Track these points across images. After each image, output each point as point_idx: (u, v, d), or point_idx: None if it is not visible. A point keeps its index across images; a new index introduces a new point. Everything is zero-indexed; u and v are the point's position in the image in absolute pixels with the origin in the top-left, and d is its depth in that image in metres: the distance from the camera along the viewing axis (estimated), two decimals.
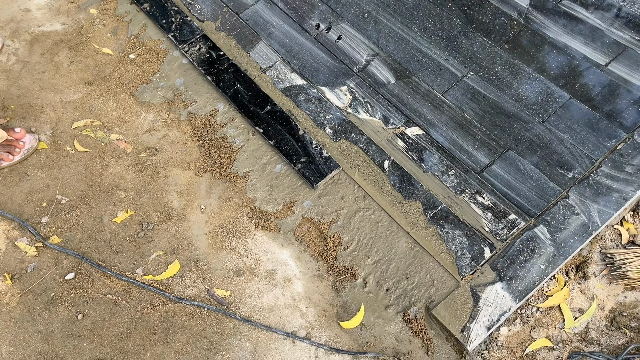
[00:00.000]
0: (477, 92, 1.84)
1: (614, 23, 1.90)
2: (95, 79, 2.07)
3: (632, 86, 1.77)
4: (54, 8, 2.29)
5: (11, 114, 2.00)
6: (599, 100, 1.76)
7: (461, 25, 1.98)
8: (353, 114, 1.86)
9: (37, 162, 1.89)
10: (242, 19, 2.12)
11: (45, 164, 1.89)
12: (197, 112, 1.97)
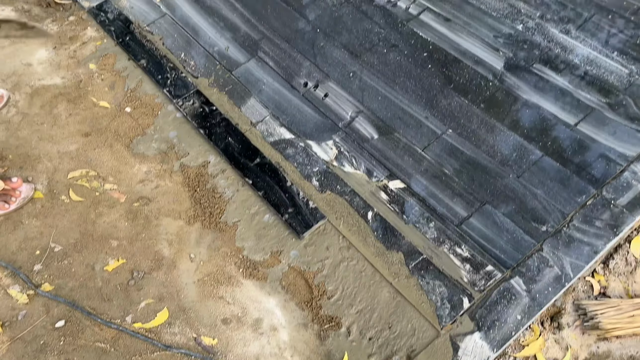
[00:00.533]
0: (455, 149, 1.88)
1: (581, 86, 1.96)
2: (92, 130, 2.09)
3: (600, 145, 1.82)
4: (54, 63, 2.32)
5: (9, 163, 2.00)
6: (570, 158, 1.81)
7: (440, 85, 2.03)
8: (339, 167, 1.89)
9: (32, 210, 1.89)
10: (235, 76, 2.17)
11: (40, 212, 1.89)
12: (190, 164, 1.98)
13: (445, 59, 2.10)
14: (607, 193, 1.73)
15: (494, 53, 2.09)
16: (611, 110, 1.90)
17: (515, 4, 2.22)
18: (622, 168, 1.77)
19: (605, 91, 1.94)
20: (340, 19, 2.27)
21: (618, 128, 1.86)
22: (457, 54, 2.10)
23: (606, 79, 1.97)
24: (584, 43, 2.07)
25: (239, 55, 2.22)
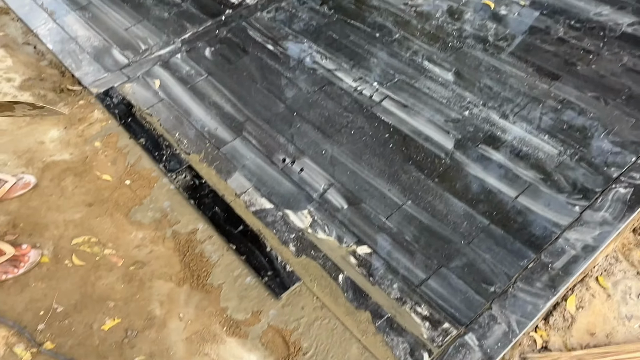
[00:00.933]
0: (414, 217, 1.90)
1: (519, 163, 2.01)
2: (95, 201, 2.07)
3: (537, 215, 1.85)
4: (64, 141, 2.32)
5: (20, 231, 1.97)
6: (512, 226, 1.83)
7: (400, 162, 2.07)
8: (313, 233, 1.88)
9: (39, 274, 1.84)
10: (222, 152, 2.18)
11: (45, 275, 1.84)
12: (181, 231, 1.96)
13: (404, 139, 2.14)
14: (545, 257, 1.74)
15: (445, 134, 2.14)
16: (545, 185, 1.94)
17: (462, 93, 2.30)
18: (556, 235, 1.80)
19: (539, 168, 1.99)
20: (315, 103, 2.32)
21: (552, 200, 1.89)
22: (414, 135, 2.15)
23: (540, 158, 2.02)
24: (519, 126, 2.14)
25: (226, 134, 2.24)
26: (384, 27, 2.65)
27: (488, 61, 2.41)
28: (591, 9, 2.62)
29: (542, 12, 2.64)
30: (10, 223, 1.98)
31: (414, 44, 2.54)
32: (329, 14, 2.77)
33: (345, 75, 2.42)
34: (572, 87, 2.25)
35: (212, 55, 2.61)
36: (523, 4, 2.68)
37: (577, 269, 1.70)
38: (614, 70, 2.30)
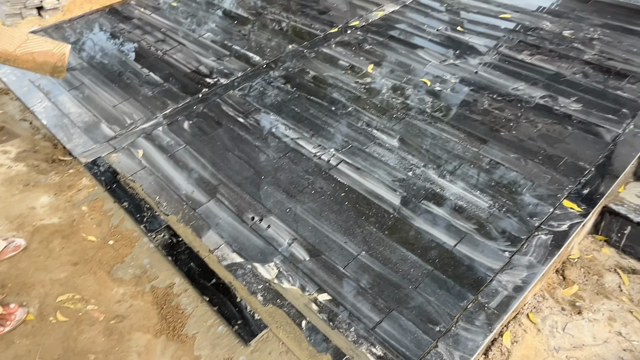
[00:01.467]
0: (368, 266, 1.90)
1: (456, 216, 2.05)
2: (80, 260, 2.01)
3: (474, 261, 1.88)
4: (54, 206, 2.26)
5: (8, 290, 1.88)
6: (453, 272, 1.85)
7: (355, 217, 2.08)
8: (278, 284, 1.86)
9: (24, 331, 1.75)
10: (198, 213, 2.16)
11: (30, 332, 1.75)
12: (159, 285, 1.91)
13: (358, 197, 2.17)
14: (481, 298, 1.75)
15: (392, 193, 2.18)
16: (479, 234, 1.98)
17: (406, 157, 2.36)
18: (491, 278, 1.82)
19: (473, 220, 2.03)
20: (280, 168, 2.34)
21: (485, 247, 1.93)
22: (366, 193, 2.18)
23: (473, 211, 2.07)
24: (455, 184, 2.20)
25: (201, 197, 2.23)
26: (339, 101, 2.74)
27: (427, 129, 2.49)
28: (509, 85, 2.77)
29: (470, 88, 2.77)
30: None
31: (365, 116, 2.62)
32: (292, 91, 2.85)
33: (307, 143, 2.46)
34: (498, 150, 2.34)
35: (190, 128, 2.64)
36: (454, 81, 2.81)
37: (509, 307, 1.71)
38: (531, 135, 2.41)
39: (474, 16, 3.52)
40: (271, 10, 3.81)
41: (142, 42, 3.48)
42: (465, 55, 3.07)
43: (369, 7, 3.76)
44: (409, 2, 3.80)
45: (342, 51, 3.21)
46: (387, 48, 3.21)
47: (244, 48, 3.33)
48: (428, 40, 3.27)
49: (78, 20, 3.81)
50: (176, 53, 3.31)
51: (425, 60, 3.05)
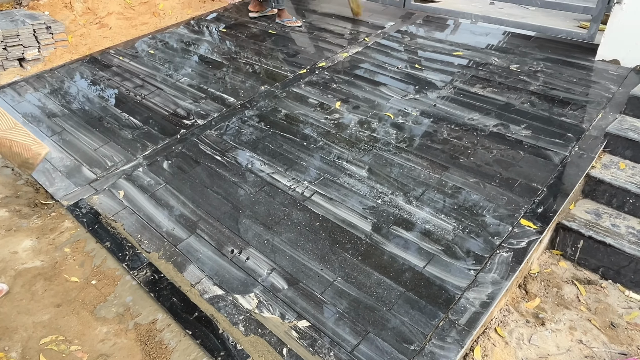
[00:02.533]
0: (344, 292, 1.89)
1: (424, 239, 2.08)
2: (63, 301, 1.95)
3: (443, 280, 1.90)
4: (36, 249, 2.20)
5: None
6: (423, 292, 1.86)
7: (329, 245, 2.09)
8: (259, 313, 1.84)
9: None
10: (178, 249, 2.13)
11: None
12: (142, 322, 1.86)
13: (331, 226, 2.18)
14: (451, 316, 1.77)
15: (363, 220, 2.20)
16: (446, 255, 2.01)
17: (374, 186, 2.40)
18: (459, 296, 1.84)
19: (439, 242, 2.07)
20: (257, 201, 2.34)
21: (452, 267, 1.95)
22: (339, 222, 2.20)
23: (440, 233, 2.11)
24: (421, 210, 2.24)
25: (182, 233, 2.21)
26: (310, 137, 2.78)
27: (393, 159, 2.55)
28: (465, 115, 2.87)
29: (430, 120, 2.86)
30: None
31: (335, 149, 2.66)
32: (266, 129, 2.88)
33: (281, 176, 2.48)
34: (458, 176, 2.40)
35: (169, 167, 2.63)
36: (415, 114, 2.90)
37: (478, 323, 1.73)
38: (488, 160, 2.48)
39: (430, 54, 3.66)
40: (244, 55, 3.89)
41: (121, 88, 3.48)
42: (424, 90, 3.18)
43: (334, 49, 3.87)
44: (371, 43, 3.93)
45: (311, 90, 3.28)
46: (352, 86, 3.29)
47: (219, 90, 3.37)
48: (390, 77, 3.37)
49: (59, 69, 3.80)
50: (154, 97, 3.33)
51: (388, 96, 3.14)
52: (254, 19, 4.59)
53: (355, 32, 4.20)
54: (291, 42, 4.12)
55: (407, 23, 4.30)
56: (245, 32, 4.35)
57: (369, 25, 4.33)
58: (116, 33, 4.42)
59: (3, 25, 4.00)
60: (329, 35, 4.16)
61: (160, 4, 4.64)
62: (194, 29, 4.50)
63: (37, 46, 4.09)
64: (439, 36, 4.00)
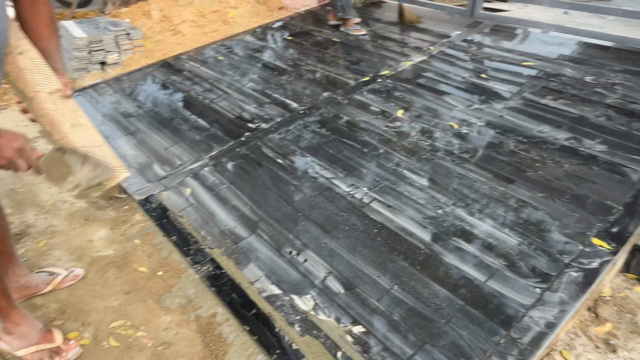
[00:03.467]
0: (401, 300, 1.88)
1: (486, 252, 2.02)
2: (132, 289, 2.06)
3: (505, 297, 1.83)
4: (110, 239, 2.35)
5: (67, 316, 1.94)
6: (484, 307, 1.80)
7: (387, 252, 2.08)
8: (315, 315, 1.86)
9: (81, 356, 1.79)
10: (239, 246, 2.20)
11: (85, 356, 1.79)
12: (203, 314, 1.94)
13: (390, 233, 2.17)
14: (514, 334, 1.70)
15: (423, 229, 2.17)
16: (510, 270, 1.94)
17: (435, 196, 2.36)
18: (522, 314, 1.76)
19: (503, 256, 2.00)
20: (316, 205, 2.37)
21: (516, 283, 1.88)
22: (398, 230, 2.18)
23: (503, 248, 2.04)
24: (484, 222, 2.17)
25: (243, 232, 2.28)
26: (371, 144, 2.79)
27: (455, 169, 2.50)
28: (534, 128, 2.76)
29: (495, 131, 2.78)
30: (59, 310, 1.96)
31: (395, 157, 2.65)
32: (327, 135, 2.92)
33: (341, 182, 2.50)
34: (525, 189, 2.31)
35: (233, 168, 2.72)
36: (480, 124, 2.83)
37: (542, 343, 1.65)
38: (558, 175, 2.37)
39: (498, 64, 3.56)
40: (307, 62, 3.96)
41: (191, 91, 3.66)
42: (490, 100, 3.10)
43: (397, 58, 3.86)
44: (436, 52, 3.88)
45: (373, 98, 3.29)
46: (415, 95, 3.27)
47: (283, 96, 3.46)
48: (454, 87, 3.32)
49: (135, 73, 4.05)
50: (221, 101, 3.47)
51: (452, 106, 3.09)
52: (319, 28, 4.67)
53: (420, 40, 4.17)
54: (355, 50, 4.16)
55: (473, 32, 4.21)
56: (309, 39, 4.44)
57: (434, 34, 4.28)
58: (188, 40, 4.66)
59: (89, 31, 4.33)
60: (392, 44, 4.15)
61: (230, 12, 4.83)
62: (261, 36, 4.65)
63: (117, 51, 4.38)
64: (507, 45, 3.88)
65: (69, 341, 1.78)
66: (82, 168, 1.28)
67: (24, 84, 1.35)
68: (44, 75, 1.36)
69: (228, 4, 4.96)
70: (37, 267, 2.17)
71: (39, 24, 1.46)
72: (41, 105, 1.32)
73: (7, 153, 1.23)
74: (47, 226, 2.45)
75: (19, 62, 1.34)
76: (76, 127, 1.38)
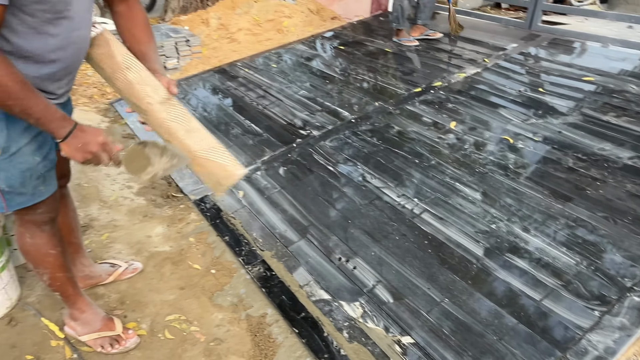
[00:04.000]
0: (451, 314, 1.86)
1: (542, 271, 1.97)
2: (186, 285, 2.14)
3: (561, 317, 1.78)
4: (166, 236, 2.46)
5: (126, 307, 2.04)
6: (538, 326, 1.76)
7: (437, 265, 2.07)
8: (363, 323, 1.87)
9: (138, 345, 1.88)
10: (289, 250, 2.25)
11: (142, 346, 1.88)
12: (253, 314, 1.99)
13: (441, 246, 2.15)
14: (570, 356, 1.65)
15: (475, 243, 2.14)
16: (566, 291, 1.88)
17: (488, 210, 2.32)
18: (580, 337, 1.71)
19: (559, 276, 1.94)
20: (365, 213, 2.39)
21: (573, 305, 1.82)
22: (449, 242, 2.16)
23: (560, 267, 1.98)
24: (540, 239, 2.12)
25: (293, 236, 2.32)
26: (423, 155, 2.78)
27: (509, 184, 2.45)
28: (595, 145, 2.67)
29: (553, 147, 2.70)
30: (119, 300, 2.06)
31: (447, 169, 2.63)
32: (378, 144, 2.94)
33: (391, 191, 2.50)
34: (584, 208, 2.24)
35: (284, 173, 2.78)
36: (536, 139, 2.76)
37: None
38: (620, 195, 2.28)
39: (556, 78, 3.46)
40: (359, 71, 4.00)
41: (245, 97, 3.77)
42: (547, 115, 3.02)
43: (451, 70, 3.83)
44: (491, 65, 3.83)
45: (425, 109, 3.28)
46: (469, 107, 3.23)
47: (335, 104, 3.51)
48: (510, 100, 3.26)
49: (193, 78, 4.22)
50: (274, 107, 3.55)
51: (507, 119, 3.03)
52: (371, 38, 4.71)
53: (474, 53, 4.12)
54: (407, 60, 4.16)
55: (530, 45, 4.12)
56: (361, 49, 4.48)
57: (489, 47, 4.22)
58: (244, 47, 4.80)
59: None
60: (446, 56, 4.12)
61: (285, 21, 4.95)
62: (313, 45, 4.73)
63: (176, 57, 4.58)
64: (566, 60, 3.77)
65: (127, 330, 1.86)
66: (160, 159, 1.34)
67: (136, 97, 1.42)
68: (152, 87, 1.39)
69: (283, 14, 5.08)
70: (100, 258, 2.30)
71: (137, 29, 1.56)
72: (156, 116, 1.38)
73: (93, 148, 1.32)
74: (109, 220, 2.59)
75: (127, 76, 1.42)
76: (191, 132, 1.43)
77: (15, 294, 2.02)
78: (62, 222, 1.84)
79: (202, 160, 1.45)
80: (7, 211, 1.44)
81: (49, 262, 1.64)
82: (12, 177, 1.37)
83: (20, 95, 1.15)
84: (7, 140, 1.33)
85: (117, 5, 1.54)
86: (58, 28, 1.28)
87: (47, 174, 1.47)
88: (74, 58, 1.39)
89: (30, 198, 1.45)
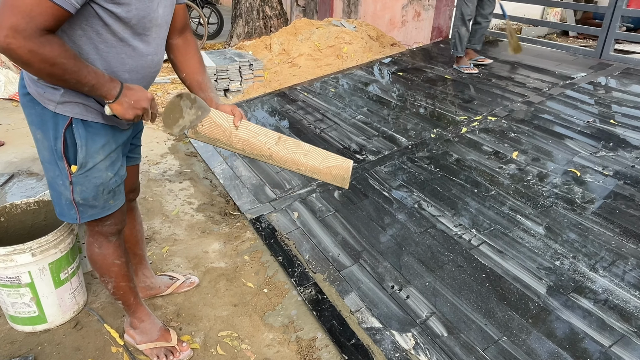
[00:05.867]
0: (510, 354, 1.77)
1: (612, 315, 1.84)
2: (239, 302, 2.19)
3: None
4: (222, 252, 2.53)
5: (182, 319, 2.11)
6: None
7: (496, 300, 1.99)
8: (415, 355, 1.82)
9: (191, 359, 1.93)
10: (342, 275, 2.24)
11: (195, 359, 1.92)
12: (303, 337, 1.99)
13: (500, 280, 2.07)
14: None
15: (537, 280, 2.05)
16: (638, 338, 1.74)
17: (552, 245, 2.22)
18: None
19: (631, 321, 1.81)
20: (420, 242, 2.35)
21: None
22: (509, 278, 2.08)
23: (632, 311, 1.85)
24: (610, 281, 1.99)
25: (346, 260, 2.32)
26: (482, 184, 2.71)
27: (576, 219, 2.33)
28: None
29: (625, 182, 2.55)
30: (175, 312, 2.13)
31: (508, 200, 2.55)
32: (435, 171, 2.90)
33: (447, 221, 2.45)
34: None
35: (339, 197, 2.80)
36: (606, 173, 2.62)
37: None
38: None
39: (629, 110, 3.29)
40: (417, 98, 3.99)
41: (303, 120, 3.86)
42: (619, 148, 2.86)
43: (514, 98, 3.74)
44: (557, 94, 3.70)
45: (485, 137, 3.21)
46: (532, 137, 3.13)
47: (392, 130, 3.51)
48: (577, 131, 3.12)
49: (254, 100, 4.38)
50: (331, 131, 3.61)
51: (575, 151, 2.90)
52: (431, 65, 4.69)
53: (539, 81, 4.00)
54: (467, 88, 4.10)
55: (601, 74, 3.95)
56: (420, 76, 4.47)
57: (556, 75, 4.08)
58: (304, 72, 4.94)
59: (217, 61, 4.78)
60: (508, 83, 4.03)
61: (345, 47, 5.05)
62: (372, 71, 4.78)
63: (239, 80, 4.78)
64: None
65: (182, 343, 1.92)
66: (189, 111, 1.51)
67: (258, 149, 1.62)
68: (263, 134, 1.64)
69: (343, 40, 5.19)
70: (159, 270, 2.40)
71: (193, 60, 1.67)
72: (279, 155, 1.64)
73: (144, 103, 1.42)
74: (170, 234, 2.70)
75: (240, 134, 1.64)
76: (308, 154, 1.69)
77: (83, 299, 2.14)
78: (128, 234, 1.95)
79: (325, 169, 1.72)
80: (79, 222, 1.55)
81: (114, 272, 1.73)
82: (86, 191, 1.48)
83: (75, 69, 1.26)
84: (86, 157, 1.44)
85: (175, 38, 1.65)
86: (135, 51, 1.39)
87: (117, 189, 1.57)
88: (145, 81, 1.50)
89: (100, 211, 1.55)
